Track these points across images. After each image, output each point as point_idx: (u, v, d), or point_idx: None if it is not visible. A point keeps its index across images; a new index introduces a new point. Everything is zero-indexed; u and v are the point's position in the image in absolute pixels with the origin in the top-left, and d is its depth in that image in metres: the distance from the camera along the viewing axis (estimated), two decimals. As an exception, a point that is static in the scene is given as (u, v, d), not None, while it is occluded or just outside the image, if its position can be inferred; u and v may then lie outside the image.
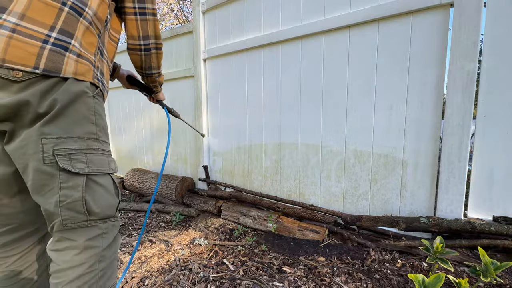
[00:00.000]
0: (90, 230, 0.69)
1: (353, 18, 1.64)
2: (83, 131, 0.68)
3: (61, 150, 0.64)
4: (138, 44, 0.90)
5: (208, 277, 1.32)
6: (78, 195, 0.66)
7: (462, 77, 1.35)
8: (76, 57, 0.66)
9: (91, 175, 0.69)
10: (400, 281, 1.23)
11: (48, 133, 0.63)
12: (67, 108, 0.65)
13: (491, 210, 1.40)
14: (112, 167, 0.76)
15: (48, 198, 0.65)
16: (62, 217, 0.65)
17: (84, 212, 0.67)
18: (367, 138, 1.69)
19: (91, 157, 0.69)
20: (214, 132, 2.52)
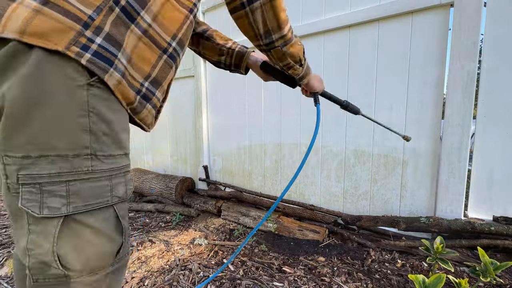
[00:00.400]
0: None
1: (353, 18, 1.64)
2: (66, 145, 0.43)
3: (27, 177, 0.42)
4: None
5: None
6: (48, 247, 0.44)
7: (462, 77, 1.35)
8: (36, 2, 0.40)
9: (74, 214, 0.45)
10: (400, 281, 1.23)
11: (10, 148, 0.41)
12: (38, 104, 0.40)
13: (491, 210, 1.40)
14: (119, 193, 0.51)
15: (19, 237, 0.46)
16: (30, 270, 0.45)
17: (57, 267, 0.45)
18: (367, 138, 1.69)
19: (77, 186, 0.45)
20: (214, 132, 2.51)
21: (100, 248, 0.49)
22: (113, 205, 0.50)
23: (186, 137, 2.74)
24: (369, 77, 1.65)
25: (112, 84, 0.46)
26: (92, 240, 0.48)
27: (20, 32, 0.38)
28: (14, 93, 0.40)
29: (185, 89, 2.66)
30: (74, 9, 0.42)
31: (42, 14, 0.39)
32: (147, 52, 0.51)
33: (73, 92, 0.42)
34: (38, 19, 0.39)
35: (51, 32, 0.40)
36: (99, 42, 0.44)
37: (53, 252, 0.44)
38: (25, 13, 0.39)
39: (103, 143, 0.47)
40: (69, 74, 0.42)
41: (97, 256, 0.49)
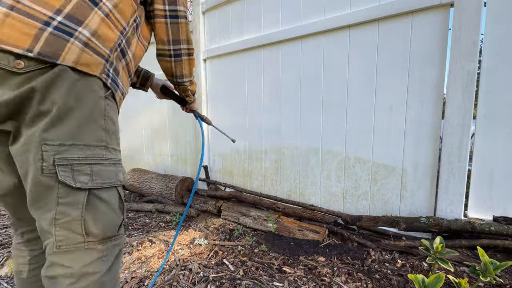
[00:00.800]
0: (87, 253, 0.59)
1: (353, 18, 1.64)
2: (91, 138, 0.60)
3: (63, 160, 0.56)
4: (167, 49, 0.82)
5: (208, 277, 1.32)
6: (77, 213, 0.57)
7: (462, 77, 1.35)
8: (82, 45, 0.57)
9: (94, 189, 0.60)
10: (400, 281, 1.23)
11: (50, 139, 0.54)
12: (74, 108, 0.56)
13: (491, 210, 1.40)
14: (120, 178, 0.67)
15: (42, 214, 0.57)
16: (55, 237, 0.56)
17: (81, 233, 0.58)
18: (367, 138, 1.69)
19: (97, 168, 0.60)
20: (214, 132, 2.51)
21: (110, 219, 0.63)
22: (116, 186, 0.66)
23: (186, 137, 2.74)
24: (369, 77, 1.65)
25: (118, 99, 0.70)
26: (105, 212, 0.62)
27: (74, 62, 0.56)
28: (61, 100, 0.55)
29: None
30: (101, 50, 0.62)
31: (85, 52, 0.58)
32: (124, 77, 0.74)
33: (97, 101, 0.61)
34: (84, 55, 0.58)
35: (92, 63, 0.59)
36: (111, 72, 0.65)
37: (81, 217, 0.58)
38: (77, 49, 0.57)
39: (111, 138, 0.65)
40: (96, 89, 0.61)
41: (109, 226, 0.63)
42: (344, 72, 1.74)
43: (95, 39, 0.60)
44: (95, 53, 0.60)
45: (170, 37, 0.80)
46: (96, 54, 0.60)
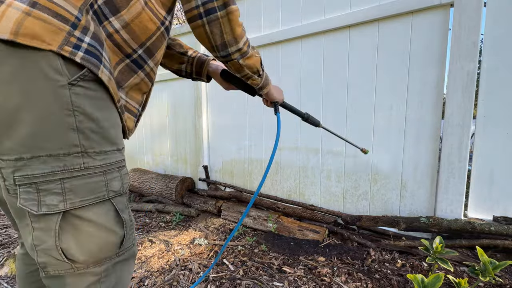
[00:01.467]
0: (81, 278, 0.50)
1: (353, 18, 1.64)
2: (56, 144, 0.44)
3: (23, 178, 0.43)
4: (194, 6, 0.57)
5: (208, 277, 1.32)
6: (51, 242, 0.46)
7: (462, 77, 1.35)
8: (25, 5, 0.40)
9: (72, 210, 0.47)
10: (400, 281, 1.23)
11: (4, 152, 0.42)
12: (22, 107, 0.41)
13: (491, 210, 1.40)
14: (115, 187, 0.52)
15: (26, 234, 0.49)
16: (39, 264, 0.48)
17: (65, 261, 0.48)
18: (367, 137, 1.69)
19: (71, 182, 0.46)
20: (214, 132, 2.51)
21: (101, 240, 0.51)
22: (110, 199, 0.52)
23: (186, 137, 2.74)
24: (369, 77, 1.65)
25: (106, 80, 0.48)
26: (92, 233, 0.50)
27: (12, 33, 0.39)
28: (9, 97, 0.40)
29: (185, 89, 2.66)
30: (62, 10, 0.43)
31: (32, 16, 0.40)
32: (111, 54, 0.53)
33: (56, 92, 0.43)
34: (29, 21, 0.40)
35: (44, 32, 0.41)
36: (88, 41, 0.46)
37: (57, 246, 0.47)
38: (16, 15, 0.39)
39: (92, 140, 0.48)
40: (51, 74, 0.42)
41: (100, 248, 0.51)
42: (344, 72, 1.74)
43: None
44: (50, 14, 0.42)
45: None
46: (54, 14, 0.42)
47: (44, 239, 0.47)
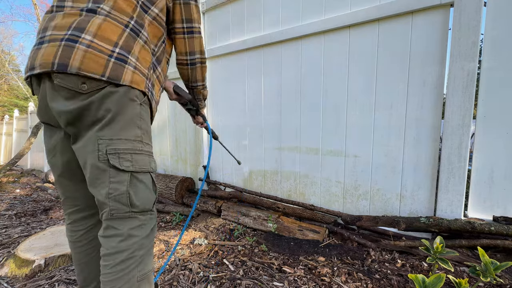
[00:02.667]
0: (132, 221, 0.80)
1: (353, 18, 1.64)
2: (130, 134, 0.79)
3: (112, 150, 0.75)
4: (185, 59, 1.02)
5: (208, 277, 1.32)
6: (124, 188, 0.77)
7: (462, 77, 1.35)
8: (133, 68, 0.78)
9: (134, 172, 0.79)
10: (400, 281, 1.23)
11: (103, 135, 0.75)
12: (119, 114, 0.76)
13: (491, 210, 1.40)
14: (153, 166, 0.86)
15: (100, 190, 0.77)
16: (110, 207, 0.77)
17: (127, 204, 0.78)
18: (367, 137, 1.69)
19: (135, 156, 0.80)
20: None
21: (147, 195, 0.84)
22: (150, 172, 0.86)
23: (186, 137, 2.74)
24: (369, 77, 1.65)
25: (153, 106, 0.91)
26: (143, 189, 0.83)
27: (130, 82, 0.78)
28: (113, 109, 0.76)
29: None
30: (144, 70, 0.82)
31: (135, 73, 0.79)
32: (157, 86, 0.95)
33: (135, 107, 0.80)
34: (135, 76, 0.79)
35: (138, 81, 0.80)
36: (149, 85, 0.86)
37: (127, 191, 0.78)
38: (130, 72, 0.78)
39: (145, 135, 0.85)
40: (135, 99, 0.80)
41: (146, 201, 0.83)
42: (344, 72, 1.74)
43: (139, 63, 0.81)
44: (140, 74, 0.81)
45: (187, 49, 1.00)
46: (141, 73, 0.81)
47: (118, 187, 0.77)
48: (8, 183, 4.19)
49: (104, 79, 0.72)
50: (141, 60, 0.81)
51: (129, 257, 0.78)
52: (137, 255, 0.79)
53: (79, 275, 0.98)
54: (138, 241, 0.80)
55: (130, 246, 0.78)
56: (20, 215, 2.51)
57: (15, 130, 7.29)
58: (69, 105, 0.73)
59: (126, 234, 0.78)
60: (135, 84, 0.78)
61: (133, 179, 0.79)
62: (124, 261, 0.76)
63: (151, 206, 0.85)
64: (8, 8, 29.88)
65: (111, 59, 0.73)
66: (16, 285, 1.32)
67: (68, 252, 1.52)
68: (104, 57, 0.73)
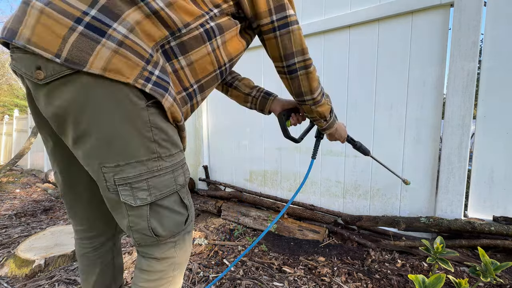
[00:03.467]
0: (163, 246, 0.69)
1: (353, 18, 1.64)
2: (141, 153, 0.58)
3: (121, 180, 0.58)
4: (282, 66, 0.75)
5: (208, 277, 1.32)
6: (144, 224, 0.64)
7: (462, 77, 1.35)
8: (115, 45, 0.49)
9: (155, 201, 0.63)
10: (400, 281, 1.23)
11: (106, 162, 0.56)
12: (119, 127, 0.54)
13: (491, 210, 1.40)
14: (180, 182, 0.68)
15: (120, 219, 0.65)
16: (134, 238, 0.66)
17: (152, 235, 0.66)
18: (367, 138, 1.69)
19: (153, 181, 0.61)
20: (214, 131, 2.51)
21: (174, 220, 0.68)
22: (177, 191, 0.67)
23: (186, 137, 2.74)
24: (369, 77, 1.65)
25: (167, 106, 0.58)
26: (168, 215, 0.66)
27: (102, 69, 0.48)
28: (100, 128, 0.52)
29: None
30: (140, 48, 0.53)
31: (119, 54, 0.50)
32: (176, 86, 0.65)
33: (139, 114, 0.55)
34: (116, 58, 0.50)
35: (125, 68, 0.51)
36: (157, 73, 0.56)
37: (149, 227, 0.63)
38: (106, 54, 0.49)
39: (164, 147, 0.61)
40: (135, 100, 0.54)
41: (173, 225, 0.68)
42: (344, 72, 1.74)
43: (133, 37, 0.51)
44: (131, 52, 0.51)
45: (281, 52, 0.72)
46: (134, 52, 0.52)
47: (138, 222, 0.62)
48: (8, 183, 4.19)
49: (58, 60, 0.46)
50: (141, 33, 0.53)
51: (163, 277, 0.70)
52: (171, 276, 0.71)
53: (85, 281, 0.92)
54: (174, 261, 0.71)
55: (166, 268, 0.70)
56: (20, 215, 2.51)
57: (15, 130, 7.30)
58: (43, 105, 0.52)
59: (160, 257, 0.69)
60: (113, 71, 0.49)
61: (154, 208, 0.63)
62: (157, 280, 0.70)
63: (183, 226, 0.71)
64: (8, 8, 30.01)
65: (77, 26, 0.47)
66: (16, 285, 1.32)
67: (68, 252, 1.52)
68: (66, 22, 0.47)
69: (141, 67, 0.53)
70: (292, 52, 0.71)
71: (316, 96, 0.81)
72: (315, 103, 0.83)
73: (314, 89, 0.79)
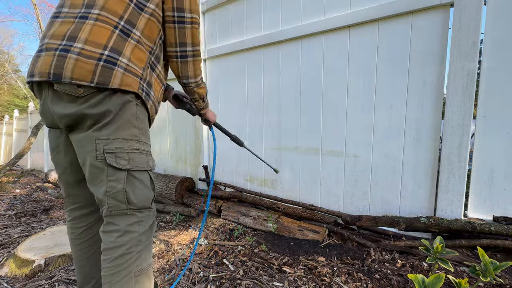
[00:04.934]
0: (129, 217, 0.83)
1: (353, 18, 1.64)
2: (127, 133, 0.81)
3: (109, 149, 0.78)
4: (174, 50, 0.93)
5: (208, 277, 1.32)
6: (120, 186, 0.80)
7: (462, 77, 1.35)
8: (123, 70, 0.78)
9: (131, 170, 0.82)
10: (400, 281, 1.23)
11: (100, 136, 0.77)
12: (116, 115, 0.79)
13: (491, 210, 1.40)
14: (150, 165, 0.89)
15: (98, 188, 0.81)
16: (108, 205, 0.80)
17: (124, 202, 0.81)
18: (367, 137, 1.69)
19: (132, 155, 0.82)
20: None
21: (144, 193, 0.86)
22: (147, 170, 0.88)
23: (186, 137, 2.74)
24: (369, 77, 1.65)
25: (149, 107, 0.89)
26: (140, 187, 0.85)
27: (119, 85, 0.77)
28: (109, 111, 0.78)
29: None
30: (136, 70, 0.82)
31: (126, 75, 0.79)
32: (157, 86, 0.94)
33: (131, 108, 0.82)
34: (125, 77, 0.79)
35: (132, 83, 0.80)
36: (145, 86, 0.86)
37: (123, 189, 0.81)
38: (120, 75, 0.78)
39: (142, 134, 0.86)
40: (131, 100, 0.82)
41: (144, 198, 0.86)
42: (344, 72, 1.74)
43: (132, 63, 0.80)
44: (132, 75, 0.80)
45: (177, 40, 0.91)
46: (133, 75, 0.80)
47: (115, 185, 0.80)
48: (8, 183, 4.19)
49: (93, 85, 0.74)
50: (135, 60, 0.81)
51: (126, 252, 0.80)
52: (134, 250, 0.82)
53: (79, 273, 1.00)
54: (136, 237, 0.83)
55: (127, 242, 0.81)
56: (20, 215, 2.51)
57: (15, 130, 7.29)
58: (69, 108, 0.76)
59: (123, 230, 0.81)
60: (126, 86, 0.78)
61: (130, 177, 0.82)
62: (122, 256, 0.79)
63: (149, 203, 0.88)
64: (6, 9, 30.03)
65: (100, 62, 0.74)
66: (16, 285, 1.32)
67: (68, 252, 1.52)
68: (92, 62, 0.74)
69: (138, 81, 0.82)
70: (185, 42, 0.92)
71: (199, 79, 1.03)
72: (197, 85, 1.04)
73: (198, 74, 1.01)
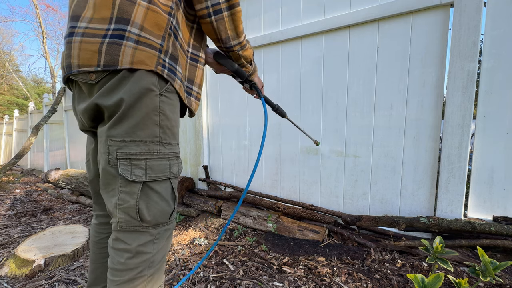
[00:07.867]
0: (142, 235, 0.69)
1: (353, 18, 1.64)
2: (146, 134, 0.66)
3: (123, 155, 0.64)
4: (205, 7, 0.71)
5: (208, 277, 1.32)
6: (133, 202, 0.67)
7: (462, 77, 1.35)
8: (133, 43, 0.61)
9: (148, 182, 0.68)
10: (400, 281, 1.23)
11: (114, 136, 0.64)
12: (132, 108, 0.63)
13: (491, 210, 1.40)
14: (174, 171, 0.73)
15: (110, 198, 0.69)
16: (118, 219, 0.68)
17: (137, 218, 0.68)
18: (367, 137, 1.69)
19: (151, 162, 0.67)
20: (214, 131, 2.51)
21: (161, 208, 0.71)
22: (169, 179, 0.72)
23: (186, 137, 2.74)
24: (369, 77, 1.65)
25: (178, 87, 0.71)
26: (157, 201, 0.70)
27: (130, 63, 0.62)
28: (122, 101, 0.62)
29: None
30: (151, 41, 0.64)
31: (138, 50, 0.62)
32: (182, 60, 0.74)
33: (152, 99, 0.65)
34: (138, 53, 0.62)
35: (145, 59, 0.63)
36: (167, 61, 0.67)
37: (136, 205, 0.67)
38: (130, 51, 0.62)
39: (166, 134, 0.70)
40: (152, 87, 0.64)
41: (160, 214, 0.71)
42: (344, 72, 1.74)
43: (145, 33, 0.63)
44: (147, 47, 0.63)
45: None
46: (149, 47, 0.63)
47: (128, 199, 0.66)
48: (8, 183, 4.19)
49: (100, 68, 0.61)
50: (149, 27, 0.63)
51: (137, 276, 0.69)
52: (146, 274, 0.70)
53: (92, 273, 0.93)
54: (149, 258, 0.70)
55: (139, 265, 0.69)
56: (20, 215, 2.51)
57: (15, 130, 7.30)
58: (87, 100, 0.67)
59: (134, 251, 0.68)
60: (138, 63, 0.62)
61: (146, 189, 0.67)
62: (131, 280, 0.68)
63: (167, 218, 0.73)
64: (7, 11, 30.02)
65: (105, 40, 0.60)
66: (16, 285, 1.32)
67: (68, 252, 1.52)
68: (97, 41, 0.60)
69: (157, 56, 0.64)
70: None
71: (242, 40, 0.82)
72: (242, 47, 0.83)
73: (240, 32, 0.79)
